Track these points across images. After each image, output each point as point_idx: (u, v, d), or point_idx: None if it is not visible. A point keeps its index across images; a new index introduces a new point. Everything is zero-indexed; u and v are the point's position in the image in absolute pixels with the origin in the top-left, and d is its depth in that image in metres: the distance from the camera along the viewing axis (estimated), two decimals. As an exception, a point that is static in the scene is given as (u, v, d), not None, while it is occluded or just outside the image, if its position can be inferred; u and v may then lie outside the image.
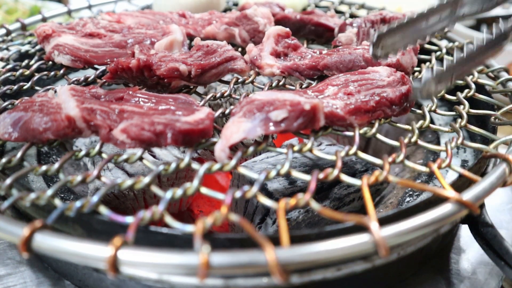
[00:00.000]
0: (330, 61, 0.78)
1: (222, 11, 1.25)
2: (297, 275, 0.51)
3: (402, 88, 0.69)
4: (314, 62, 0.80)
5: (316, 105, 0.58)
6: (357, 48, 0.82)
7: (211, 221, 0.44)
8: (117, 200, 0.80)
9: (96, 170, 0.54)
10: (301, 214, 0.71)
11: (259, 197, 0.49)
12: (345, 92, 0.67)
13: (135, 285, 0.57)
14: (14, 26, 1.06)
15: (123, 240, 0.42)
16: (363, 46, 0.84)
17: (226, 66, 0.78)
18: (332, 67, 0.79)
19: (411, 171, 0.89)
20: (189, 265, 0.40)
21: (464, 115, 0.69)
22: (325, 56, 0.81)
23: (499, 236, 0.58)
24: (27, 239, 0.42)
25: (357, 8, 1.31)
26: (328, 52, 0.83)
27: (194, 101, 0.67)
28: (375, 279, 0.63)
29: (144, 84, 0.76)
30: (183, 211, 0.93)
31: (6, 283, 0.64)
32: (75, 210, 0.48)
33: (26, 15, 1.88)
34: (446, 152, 0.59)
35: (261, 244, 0.40)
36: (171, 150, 0.83)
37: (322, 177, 0.52)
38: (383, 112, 0.66)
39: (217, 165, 0.54)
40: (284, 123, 0.57)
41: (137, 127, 0.57)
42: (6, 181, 0.52)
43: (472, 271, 0.71)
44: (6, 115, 0.61)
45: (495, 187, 0.53)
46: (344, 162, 0.81)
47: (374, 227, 0.42)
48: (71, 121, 0.59)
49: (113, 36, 0.91)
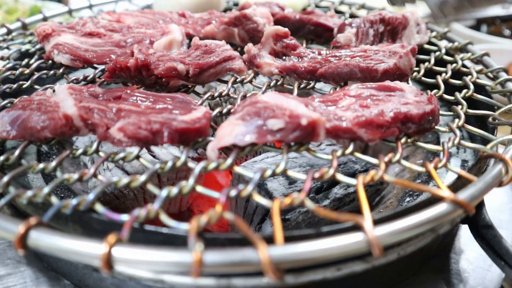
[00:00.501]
0: (327, 72, 0.77)
1: (222, 11, 1.25)
2: (295, 274, 0.51)
3: (427, 107, 0.63)
4: (312, 67, 0.79)
5: (315, 121, 0.56)
6: (355, 55, 0.81)
7: (206, 219, 0.44)
8: (117, 200, 0.81)
9: (93, 169, 0.54)
10: (301, 214, 0.71)
11: (254, 196, 0.49)
12: (361, 104, 0.63)
13: (135, 285, 0.57)
14: (15, 25, 1.07)
15: (118, 237, 0.42)
16: (361, 48, 0.84)
17: (224, 65, 0.78)
18: (329, 77, 0.78)
19: (411, 172, 0.89)
20: (182, 262, 0.40)
21: (461, 115, 0.69)
22: (322, 62, 0.80)
23: (499, 236, 0.58)
24: (22, 235, 0.43)
25: (357, 8, 1.31)
26: (327, 57, 0.83)
27: (192, 100, 0.67)
28: (375, 279, 0.63)
29: (143, 83, 0.76)
30: (183, 212, 0.93)
31: (6, 283, 0.65)
32: (71, 208, 0.48)
33: (26, 15, 1.89)
34: (443, 152, 0.59)
35: (254, 242, 0.40)
36: (170, 149, 0.84)
37: (318, 176, 0.52)
38: (398, 130, 0.61)
39: (213, 164, 0.54)
40: (280, 133, 0.55)
41: (134, 125, 0.57)
42: (4, 179, 0.52)
43: (472, 271, 0.71)
44: (4, 114, 0.61)
45: (491, 187, 0.53)
46: (344, 162, 0.81)
47: (367, 226, 0.43)
48: (69, 120, 0.59)
49: (112, 36, 0.91)
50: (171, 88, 0.76)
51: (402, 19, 0.95)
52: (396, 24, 0.94)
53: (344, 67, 0.77)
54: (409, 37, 0.96)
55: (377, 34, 0.94)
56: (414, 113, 0.61)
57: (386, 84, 0.70)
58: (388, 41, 0.95)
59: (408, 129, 0.62)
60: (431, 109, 0.63)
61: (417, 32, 0.97)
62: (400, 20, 0.95)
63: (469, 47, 1.00)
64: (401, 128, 0.61)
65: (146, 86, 0.76)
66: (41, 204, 0.56)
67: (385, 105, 0.63)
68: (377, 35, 0.94)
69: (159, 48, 0.83)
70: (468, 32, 1.89)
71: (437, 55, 0.94)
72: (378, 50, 0.82)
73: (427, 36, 0.99)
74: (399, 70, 0.77)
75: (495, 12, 2.00)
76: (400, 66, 0.77)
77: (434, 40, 1.06)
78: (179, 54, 0.81)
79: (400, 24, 0.95)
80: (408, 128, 0.62)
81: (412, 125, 0.61)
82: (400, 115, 0.60)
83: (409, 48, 0.81)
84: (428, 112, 0.62)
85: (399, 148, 0.59)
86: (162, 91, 0.76)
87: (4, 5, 1.92)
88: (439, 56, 0.94)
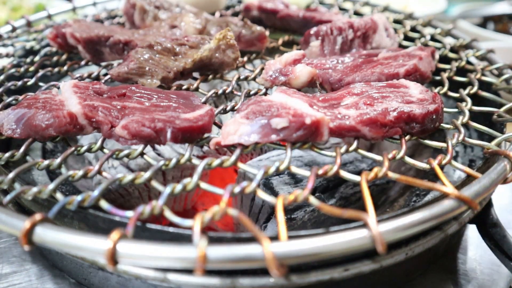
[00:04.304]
0: (355, 81, 0.75)
1: (224, 9, 1.25)
2: (302, 274, 0.51)
3: (430, 106, 0.62)
4: (340, 78, 0.76)
5: (318, 120, 0.56)
6: (377, 64, 0.78)
7: (210, 215, 0.44)
8: (122, 199, 0.81)
9: (97, 165, 0.54)
10: (307, 213, 0.71)
11: (258, 192, 0.49)
12: (365, 102, 0.63)
13: (141, 284, 0.57)
14: (19, 22, 1.08)
15: (122, 233, 0.42)
16: (383, 56, 0.82)
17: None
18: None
19: (417, 170, 0.89)
20: (186, 258, 0.40)
21: (466, 112, 0.69)
22: (348, 72, 0.77)
23: (508, 236, 0.58)
24: (28, 231, 0.43)
25: (361, 5, 1.31)
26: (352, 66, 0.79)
27: (196, 97, 0.67)
28: (382, 279, 0.62)
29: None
30: (188, 210, 0.93)
31: (12, 281, 0.65)
32: (76, 204, 0.48)
33: (31, 12, 1.90)
34: (447, 149, 0.59)
35: (258, 238, 0.40)
36: (175, 147, 0.84)
37: (321, 173, 0.52)
38: (402, 129, 0.61)
39: (217, 161, 0.54)
40: (283, 132, 0.56)
41: (138, 123, 0.57)
42: (9, 175, 0.52)
43: (480, 272, 0.70)
44: (10, 111, 0.61)
45: (496, 183, 0.52)
46: (350, 161, 0.81)
47: (371, 222, 0.42)
48: (73, 118, 0.59)
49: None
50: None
51: (371, 24, 0.93)
52: (366, 29, 0.92)
53: (372, 75, 0.75)
54: (379, 42, 0.94)
55: (346, 41, 0.91)
56: (418, 113, 0.60)
57: (390, 81, 0.70)
58: (359, 47, 0.92)
59: (412, 129, 0.61)
60: (435, 108, 0.62)
61: (387, 36, 0.95)
62: (369, 24, 0.93)
63: (474, 44, 0.99)
64: (404, 128, 0.61)
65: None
66: (46, 202, 0.56)
67: (389, 103, 0.62)
68: (346, 42, 0.91)
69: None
70: (474, 29, 1.88)
71: (442, 52, 0.94)
72: (398, 55, 0.81)
73: (396, 40, 0.98)
74: (419, 72, 0.76)
75: (502, 9, 1.99)
76: (420, 68, 0.76)
77: (439, 37, 1.05)
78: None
79: (370, 29, 0.92)
80: (412, 128, 0.61)
81: (416, 125, 0.61)
82: (403, 114, 0.60)
83: (429, 50, 0.80)
84: (431, 112, 0.61)
85: (402, 145, 0.59)
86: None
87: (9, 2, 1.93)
88: (444, 53, 0.94)
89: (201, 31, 0.94)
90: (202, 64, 0.79)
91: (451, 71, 0.85)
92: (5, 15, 1.87)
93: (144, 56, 0.77)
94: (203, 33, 0.94)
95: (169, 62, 0.77)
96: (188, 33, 0.91)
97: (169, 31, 0.92)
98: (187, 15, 0.96)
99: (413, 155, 0.97)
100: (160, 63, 0.77)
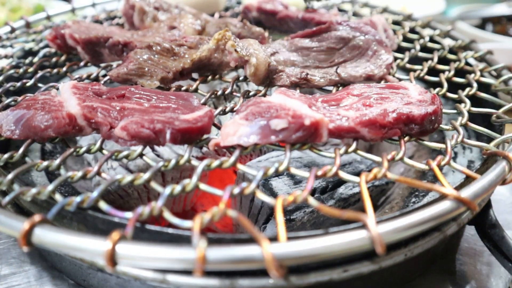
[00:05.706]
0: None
1: (223, 10, 1.25)
2: (301, 275, 0.51)
3: (429, 107, 0.62)
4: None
5: (317, 121, 0.56)
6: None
7: (209, 216, 0.44)
8: (121, 200, 0.81)
9: (96, 166, 0.54)
10: (306, 214, 0.71)
11: (257, 193, 0.49)
12: (364, 103, 0.63)
13: (140, 285, 0.57)
14: (18, 23, 1.07)
15: (122, 234, 0.42)
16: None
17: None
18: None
19: (416, 171, 0.89)
20: (186, 259, 0.40)
21: (464, 113, 0.69)
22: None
23: (507, 237, 0.58)
24: (26, 232, 0.43)
25: (360, 6, 1.31)
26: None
27: (196, 99, 0.67)
28: (382, 280, 0.63)
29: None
30: (187, 211, 0.93)
31: (10, 282, 0.65)
32: (75, 205, 0.48)
33: (30, 13, 1.90)
34: (446, 150, 0.59)
35: (257, 239, 0.40)
36: (174, 148, 0.84)
37: (320, 174, 0.52)
38: (401, 130, 0.61)
39: (216, 162, 0.54)
40: (282, 134, 0.56)
41: (137, 124, 0.57)
42: (8, 176, 0.52)
43: (478, 273, 0.71)
44: (9, 113, 0.61)
45: (494, 184, 0.53)
46: (349, 162, 0.81)
47: (370, 223, 0.43)
48: (72, 119, 0.59)
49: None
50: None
51: (370, 25, 0.92)
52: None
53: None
54: None
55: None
56: (417, 114, 0.60)
57: (389, 83, 0.70)
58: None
59: (411, 130, 0.61)
60: (434, 109, 0.62)
61: (386, 37, 0.94)
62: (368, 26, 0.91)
63: (473, 45, 0.99)
64: (403, 129, 0.61)
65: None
66: (45, 203, 0.56)
67: (388, 105, 0.62)
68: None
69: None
70: (473, 31, 1.88)
71: (441, 53, 0.94)
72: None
73: (395, 41, 0.98)
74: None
75: (501, 11, 1.99)
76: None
77: (438, 38, 1.05)
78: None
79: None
80: (411, 129, 0.61)
81: (415, 126, 0.61)
82: (402, 115, 0.60)
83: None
84: (430, 113, 0.61)
85: (401, 146, 0.59)
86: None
87: (8, 3, 1.93)
88: (443, 54, 0.94)
89: (200, 32, 0.94)
90: (201, 64, 0.79)
91: (449, 73, 0.85)
92: (4, 16, 1.87)
93: (143, 57, 0.77)
94: (202, 34, 0.94)
95: (168, 63, 0.77)
96: (187, 34, 0.91)
97: (168, 32, 0.92)
98: (186, 16, 0.96)
99: (412, 156, 0.97)
100: (159, 64, 0.77)
